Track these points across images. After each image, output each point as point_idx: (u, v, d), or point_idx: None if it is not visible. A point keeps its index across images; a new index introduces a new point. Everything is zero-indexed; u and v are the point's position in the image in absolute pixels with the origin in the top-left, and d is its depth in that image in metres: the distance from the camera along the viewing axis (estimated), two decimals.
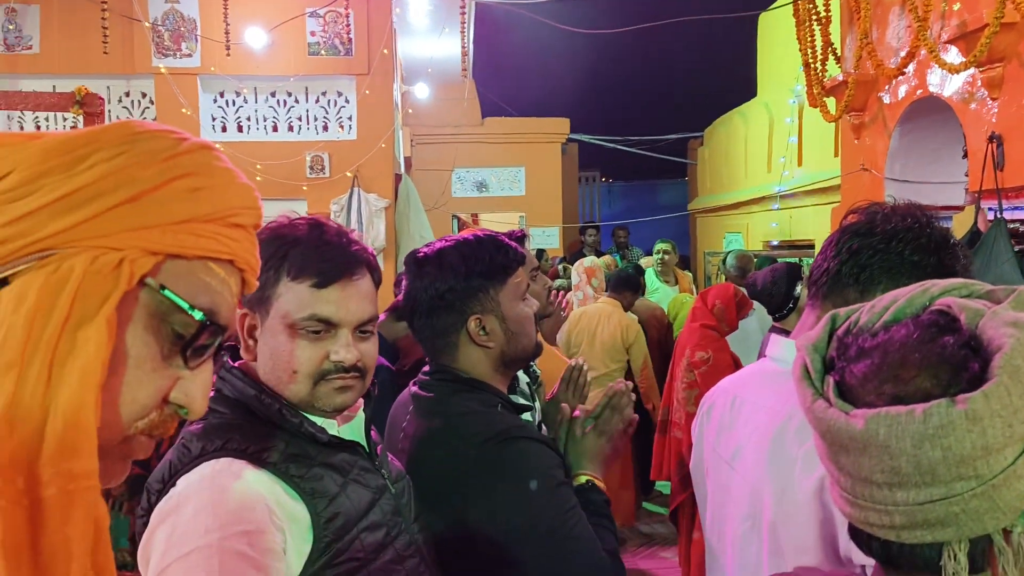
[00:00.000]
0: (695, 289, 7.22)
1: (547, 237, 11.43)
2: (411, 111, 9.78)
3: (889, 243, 1.28)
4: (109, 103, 6.49)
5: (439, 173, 10.79)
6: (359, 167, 6.87)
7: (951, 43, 4.06)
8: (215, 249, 0.65)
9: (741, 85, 10.73)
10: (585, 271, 5.57)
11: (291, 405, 1.23)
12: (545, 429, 1.80)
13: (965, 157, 4.32)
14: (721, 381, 1.56)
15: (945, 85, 4.37)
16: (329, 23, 6.78)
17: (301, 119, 6.97)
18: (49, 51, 6.57)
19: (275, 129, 6.94)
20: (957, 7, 4.07)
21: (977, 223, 3.89)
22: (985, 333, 0.76)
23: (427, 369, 1.62)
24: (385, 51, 6.85)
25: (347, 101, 7.00)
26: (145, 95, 6.81)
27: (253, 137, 6.88)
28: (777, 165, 8.77)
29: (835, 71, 5.24)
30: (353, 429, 1.31)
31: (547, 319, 3.35)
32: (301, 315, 1.21)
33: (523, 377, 2.11)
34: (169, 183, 0.62)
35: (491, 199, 11.50)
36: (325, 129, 6.99)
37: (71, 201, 0.58)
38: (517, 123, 11.77)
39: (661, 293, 6.72)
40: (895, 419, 0.74)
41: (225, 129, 6.89)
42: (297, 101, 6.97)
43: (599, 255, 8.15)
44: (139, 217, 0.60)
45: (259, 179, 6.21)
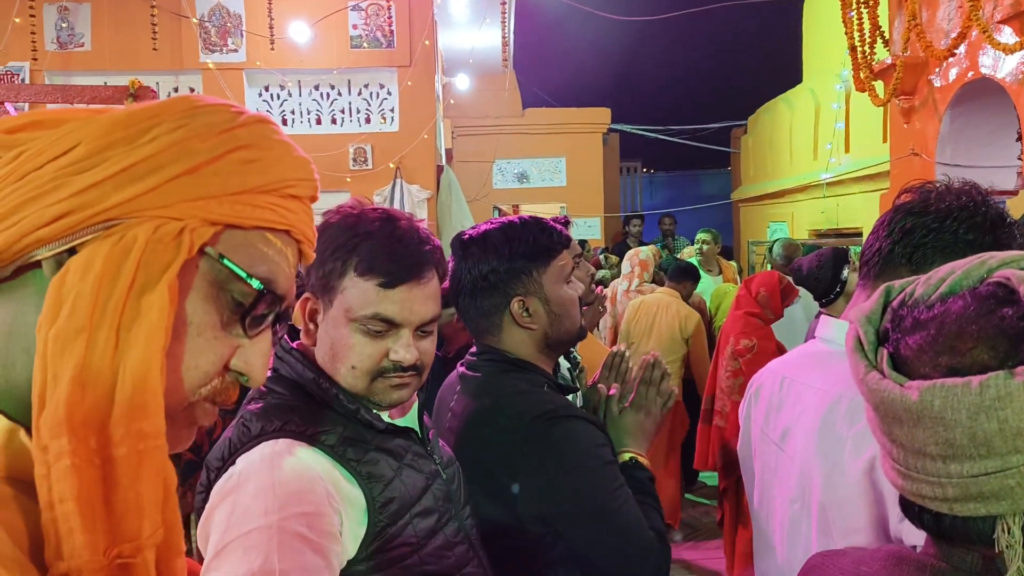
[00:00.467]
0: (739, 279, 7.13)
1: (588, 228, 11.39)
2: (452, 102, 9.81)
3: (943, 222, 1.26)
4: (158, 98, 6.61)
5: (480, 165, 10.82)
6: (401, 159, 6.92)
7: (1004, 23, 3.96)
8: (272, 219, 0.66)
9: (786, 71, 10.57)
10: (640, 263, 5.46)
11: (348, 392, 1.23)
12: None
13: (1019, 140, 4.21)
14: (770, 363, 1.55)
15: (998, 66, 4.26)
16: (371, 16, 6.84)
17: (344, 112, 7.05)
18: (100, 48, 6.73)
19: (319, 122, 7.03)
20: None
21: None
22: None
23: (474, 350, 1.63)
24: (427, 42, 6.89)
25: (389, 93, 7.05)
26: (193, 90, 6.93)
27: (297, 130, 6.97)
28: (823, 152, 8.62)
29: (883, 54, 5.13)
30: (407, 415, 1.32)
31: (589, 310, 3.35)
32: (364, 312, 1.20)
33: (564, 363, 2.11)
34: (227, 155, 0.64)
35: (532, 190, 11.49)
36: (368, 121, 7.05)
37: (134, 172, 0.60)
38: (558, 113, 11.74)
39: (703, 283, 6.64)
40: (951, 390, 0.73)
41: None
42: (340, 94, 7.05)
43: (642, 245, 8.09)
44: (198, 188, 0.62)
45: None
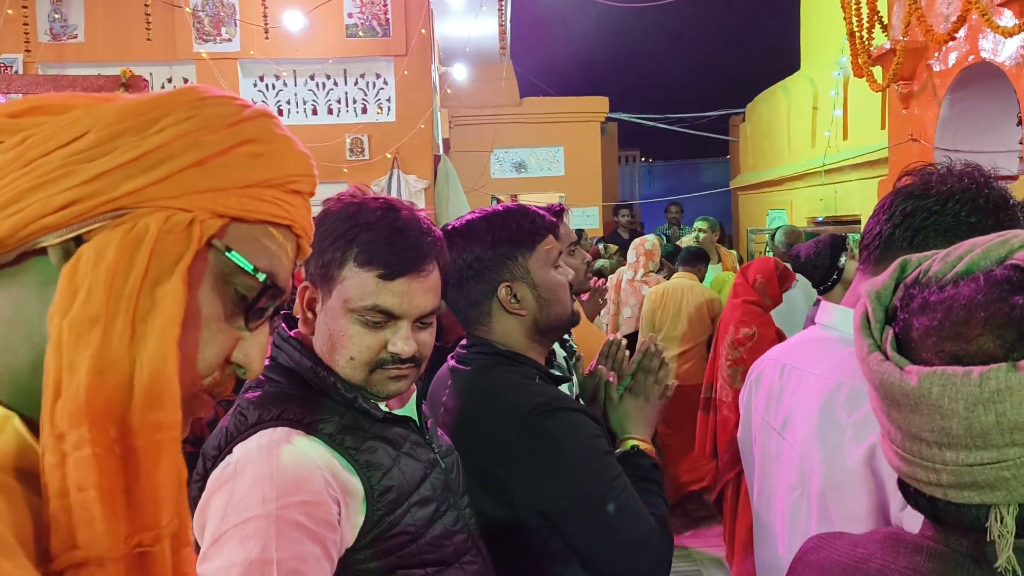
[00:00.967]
0: (739, 268, 7.14)
1: (587, 217, 11.37)
2: (449, 91, 9.78)
3: (945, 204, 1.24)
4: (152, 89, 6.58)
5: (478, 154, 10.79)
6: (398, 149, 6.90)
7: (1004, 6, 3.94)
8: (276, 214, 0.67)
9: (783, 59, 10.55)
10: (646, 252, 5.49)
11: (345, 381, 1.22)
12: (583, 404, 1.79)
13: (1020, 124, 4.19)
14: (770, 350, 1.53)
15: (998, 50, 4.24)
16: (366, 4, 6.80)
17: (340, 102, 7.02)
18: (94, 39, 6.70)
19: (315, 112, 7.00)
20: None
21: None
22: None
23: (464, 343, 1.62)
24: (423, 31, 6.86)
25: (385, 83, 7.02)
26: (187, 80, 6.90)
27: (293, 120, 6.95)
28: (821, 139, 8.60)
29: (882, 40, 5.11)
30: (405, 405, 1.31)
31: (588, 300, 3.33)
32: (363, 303, 1.19)
33: (560, 352, 2.10)
34: (234, 148, 0.64)
35: (530, 180, 11.46)
36: (364, 111, 7.03)
37: (144, 163, 0.60)
38: (555, 103, 11.70)
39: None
40: (950, 379, 0.71)
41: None
42: (336, 84, 7.02)
43: (635, 235, 8.08)
44: (207, 180, 0.62)
45: None
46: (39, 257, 0.60)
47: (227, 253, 0.64)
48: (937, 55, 4.79)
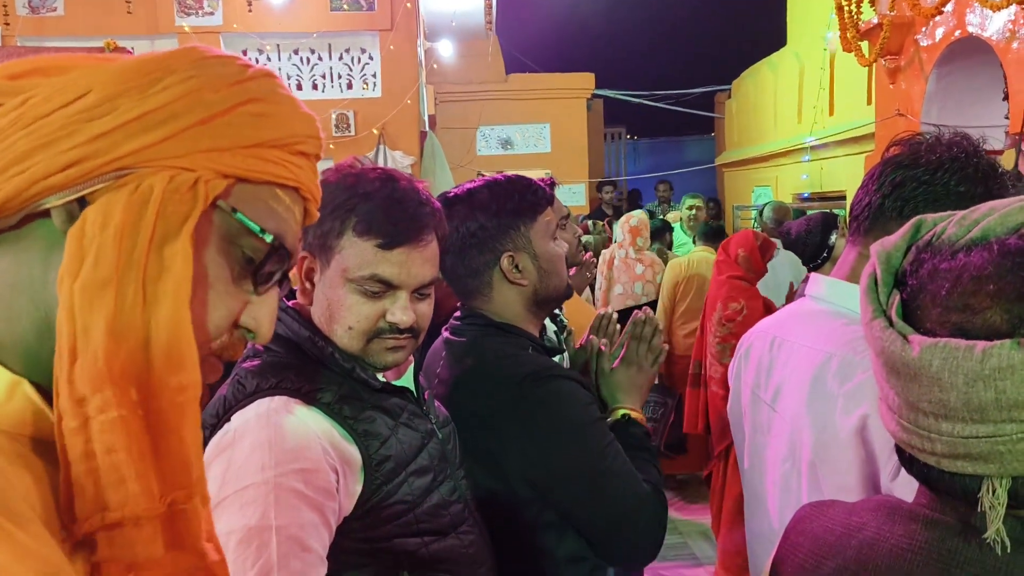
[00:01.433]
0: None
1: (573, 194, 11.33)
2: (436, 67, 9.69)
3: (934, 174, 1.24)
4: None
5: (464, 131, 10.71)
6: (384, 125, 6.84)
7: None
8: (281, 175, 0.66)
9: (770, 35, 10.48)
10: (631, 229, 5.46)
11: (343, 351, 1.22)
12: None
13: (1006, 99, 4.20)
14: (759, 322, 1.54)
15: (985, 24, 4.23)
16: None
17: (325, 77, 6.93)
18: (73, 13, 6.57)
19: (299, 87, 6.91)
20: None
21: (1018, 165, 3.78)
22: None
23: (458, 315, 1.61)
24: (408, 5, 6.77)
25: (371, 58, 6.94)
26: None
27: None
28: (808, 115, 8.60)
29: (869, 14, 5.09)
30: (404, 375, 1.31)
31: (576, 274, 3.33)
32: (362, 273, 1.19)
33: (551, 326, 2.10)
34: (237, 107, 0.63)
35: (516, 157, 11.39)
36: (349, 87, 6.94)
37: (146, 121, 0.59)
38: (541, 79, 11.61)
39: (688, 247, 6.66)
40: (952, 352, 0.70)
41: None
42: (320, 59, 6.92)
43: (619, 212, 8.07)
44: (210, 139, 0.62)
45: None
46: (42, 220, 0.59)
47: (233, 214, 0.63)
48: (924, 29, 4.78)
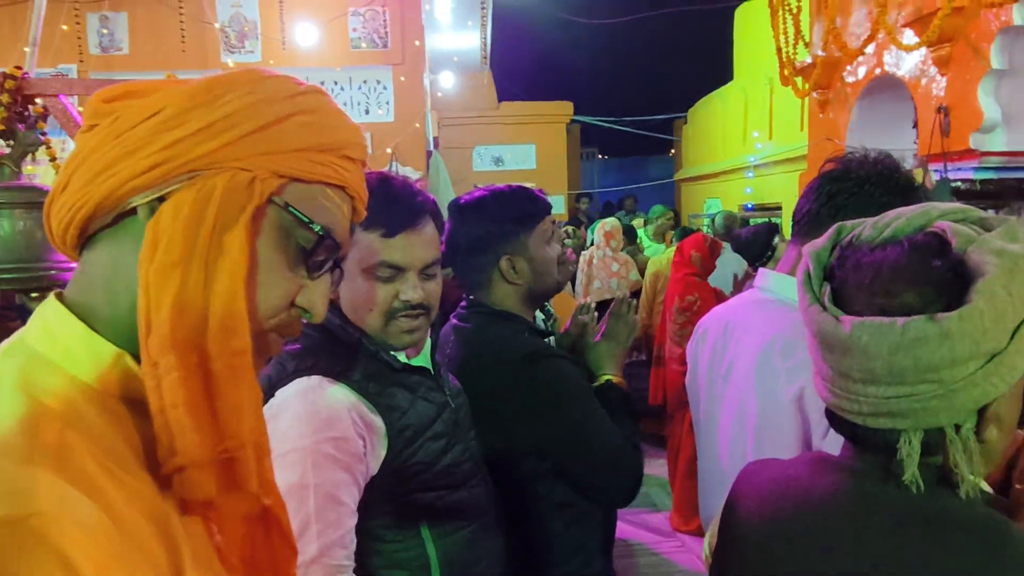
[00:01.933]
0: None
1: (554, 205, 11.31)
2: (439, 95, 9.65)
3: (862, 187, 1.25)
4: None
5: (462, 150, 10.67)
6: (396, 145, 6.81)
7: (907, 26, 3.95)
8: (330, 176, 0.66)
9: (720, 71, 10.51)
10: (606, 234, 5.43)
11: (369, 336, 1.21)
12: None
13: (915, 127, 4.22)
14: (714, 308, 1.54)
15: (900, 64, 4.25)
16: (368, 20, 6.68)
17: (346, 104, 6.88)
18: (136, 51, 6.53)
19: None
20: None
21: (925, 183, 3.81)
22: (972, 258, 0.73)
23: (464, 304, 1.61)
24: (416, 43, 6.75)
25: (384, 88, 6.91)
26: None
27: None
28: (751, 139, 8.62)
29: (804, 55, 5.11)
30: (421, 355, 1.31)
31: (560, 267, 3.33)
32: (372, 261, 1.18)
33: (539, 315, 2.10)
34: (290, 117, 0.63)
35: (507, 172, 11.35)
36: (367, 112, 6.91)
37: (212, 130, 0.60)
38: (528, 106, 11.57)
39: (653, 251, 6.67)
40: (877, 328, 0.72)
41: None
42: (343, 88, 6.88)
43: (591, 221, 8.07)
44: (266, 144, 0.62)
45: None
46: (132, 218, 0.60)
47: (287, 208, 0.63)
48: (850, 68, 4.80)
